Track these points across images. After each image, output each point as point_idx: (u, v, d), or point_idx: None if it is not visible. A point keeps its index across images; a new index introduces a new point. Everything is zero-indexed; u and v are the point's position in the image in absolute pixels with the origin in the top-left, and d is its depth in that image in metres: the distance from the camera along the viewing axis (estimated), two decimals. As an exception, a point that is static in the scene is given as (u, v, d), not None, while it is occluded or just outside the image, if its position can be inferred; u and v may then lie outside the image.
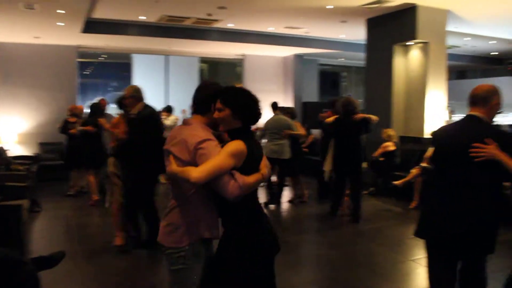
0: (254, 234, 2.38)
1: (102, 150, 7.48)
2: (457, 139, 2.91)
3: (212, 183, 2.22)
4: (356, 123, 6.44)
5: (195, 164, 2.24)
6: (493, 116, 2.90)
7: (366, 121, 6.46)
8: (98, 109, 7.80)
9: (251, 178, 2.29)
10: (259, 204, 2.49)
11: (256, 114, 2.42)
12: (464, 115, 3.03)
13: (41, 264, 3.51)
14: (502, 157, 2.62)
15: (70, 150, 8.29)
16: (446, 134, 3.13)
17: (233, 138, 2.33)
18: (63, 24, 8.85)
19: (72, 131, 8.04)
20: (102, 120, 6.89)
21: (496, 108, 2.87)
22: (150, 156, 4.64)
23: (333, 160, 6.70)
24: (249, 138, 2.38)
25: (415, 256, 5.22)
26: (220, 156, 2.22)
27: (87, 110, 8.73)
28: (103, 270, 4.74)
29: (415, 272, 4.77)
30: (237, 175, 2.23)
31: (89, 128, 7.48)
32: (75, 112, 8.46)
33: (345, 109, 6.52)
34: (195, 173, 2.17)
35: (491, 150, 2.66)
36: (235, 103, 2.35)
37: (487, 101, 2.84)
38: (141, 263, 4.96)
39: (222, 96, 2.36)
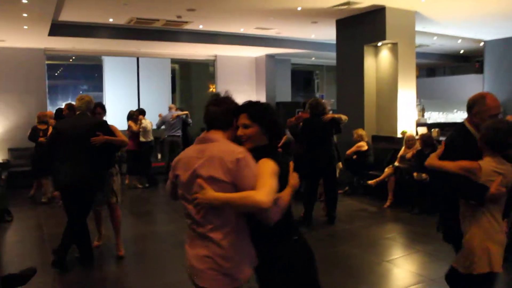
0: (298, 249, 2.28)
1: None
2: None
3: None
4: (326, 123, 6.46)
5: (234, 182, 2.04)
6: (478, 123, 2.95)
7: (336, 121, 6.49)
8: (62, 114, 7.62)
9: (285, 196, 2.14)
10: (293, 216, 2.36)
11: (282, 131, 2.32)
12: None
13: (11, 282, 3.43)
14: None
15: (36, 158, 8.08)
16: None
17: (260, 156, 2.14)
18: (27, 27, 8.65)
19: (41, 139, 7.86)
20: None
21: (478, 116, 2.96)
22: None
23: (304, 162, 6.45)
24: (277, 154, 2.23)
25: (390, 257, 5.30)
26: (271, 177, 2.04)
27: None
28: (79, 281, 4.65)
29: (390, 273, 4.83)
30: (280, 200, 2.09)
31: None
32: (43, 120, 8.26)
33: (313, 110, 6.52)
34: (263, 197, 1.94)
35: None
36: (264, 119, 2.23)
37: (470, 110, 3.03)
38: (119, 273, 4.90)
39: (250, 112, 2.23)
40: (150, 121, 9.88)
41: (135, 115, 9.53)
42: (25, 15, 7.68)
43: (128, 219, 7.03)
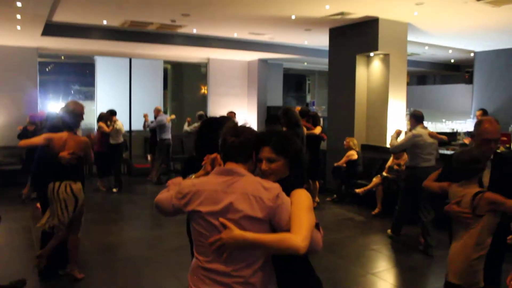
0: (315, 279, 2.28)
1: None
2: None
3: None
4: (304, 137, 6.45)
5: (270, 220, 1.94)
6: (478, 144, 3.10)
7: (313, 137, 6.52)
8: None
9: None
10: None
11: (306, 160, 2.21)
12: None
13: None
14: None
15: (28, 158, 8.06)
16: None
17: (285, 188, 2.02)
18: (20, 28, 8.61)
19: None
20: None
21: (475, 139, 3.17)
22: None
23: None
24: (302, 184, 2.13)
25: (375, 269, 5.38)
26: (307, 214, 1.94)
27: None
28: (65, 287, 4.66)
29: (374, 286, 4.91)
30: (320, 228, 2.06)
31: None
32: (34, 121, 8.25)
33: (287, 123, 6.38)
34: (301, 242, 1.84)
35: None
36: (290, 152, 2.13)
37: (474, 132, 3.21)
38: (108, 280, 4.90)
39: (275, 145, 2.10)
40: (121, 122, 9.82)
41: (106, 116, 9.48)
42: (18, 17, 7.65)
43: (108, 224, 7.03)
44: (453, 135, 10.58)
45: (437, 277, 4.88)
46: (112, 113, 9.66)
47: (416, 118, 6.17)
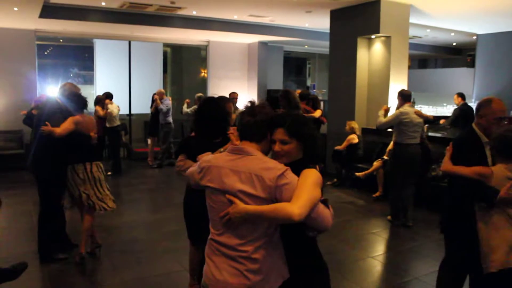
0: (322, 263, 2.33)
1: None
2: None
3: (310, 216, 1.97)
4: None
5: (273, 198, 1.99)
6: (485, 126, 3.18)
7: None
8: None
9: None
10: None
11: (319, 144, 2.24)
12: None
13: (2, 277, 3.46)
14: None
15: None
16: None
17: (297, 170, 2.07)
18: (17, 9, 8.51)
19: None
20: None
21: (484, 119, 3.18)
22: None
23: None
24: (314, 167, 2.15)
25: (375, 253, 5.39)
26: (309, 187, 1.98)
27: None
28: (66, 270, 4.67)
29: (374, 269, 4.92)
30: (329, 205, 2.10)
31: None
32: (38, 106, 8.21)
33: (286, 107, 6.30)
34: (296, 209, 1.90)
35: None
36: (303, 135, 2.15)
37: (477, 113, 3.27)
38: (107, 263, 4.92)
39: (289, 127, 2.13)
40: (117, 105, 9.71)
41: (103, 100, 9.38)
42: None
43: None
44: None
45: (436, 260, 4.88)
46: (107, 96, 9.58)
47: (403, 97, 6.39)
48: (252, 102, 2.26)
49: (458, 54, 16.14)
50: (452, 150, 3.22)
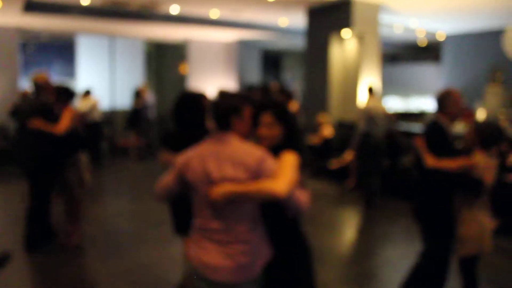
0: (304, 245, 2.45)
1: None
2: None
3: (289, 197, 2.07)
4: None
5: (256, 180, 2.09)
6: (452, 116, 3.32)
7: None
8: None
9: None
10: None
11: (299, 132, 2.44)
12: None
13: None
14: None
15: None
16: None
17: (278, 153, 2.22)
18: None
19: None
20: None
21: (449, 110, 3.31)
22: None
23: None
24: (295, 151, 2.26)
25: (348, 239, 5.82)
26: (290, 168, 2.11)
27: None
28: (50, 263, 4.72)
29: (348, 253, 5.36)
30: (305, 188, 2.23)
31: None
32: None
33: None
34: (278, 185, 2.00)
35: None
36: (288, 120, 2.32)
37: (440, 105, 3.35)
38: (92, 254, 5.04)
39: (275, 111, 2.31)
40: (94, 100, 9.83)
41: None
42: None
43: (89, 199, 6.79)
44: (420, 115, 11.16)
45: (406, 244, 5.32)
46: (85, 92, 9.80)
47: (369, 92, 7.17)
48: (223, 91, 2.40)
49: (427, 51, 16.80)
50: (423, 144, 3.30)
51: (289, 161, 2.16)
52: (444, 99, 3.33)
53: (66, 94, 4.93)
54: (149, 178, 9.00)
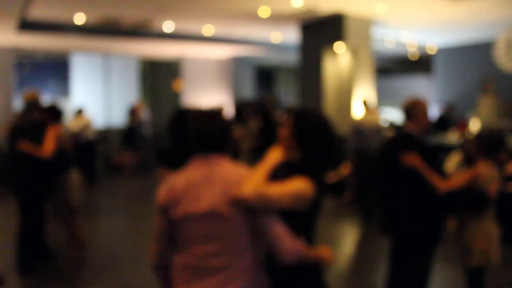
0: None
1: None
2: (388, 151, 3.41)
3: (265, 227, 1.88)
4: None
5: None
6: (422, 125, 3.22)
7: None
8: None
9: (311, 253, 1.98)
10: None
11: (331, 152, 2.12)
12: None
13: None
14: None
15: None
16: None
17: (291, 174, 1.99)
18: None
19: None
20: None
21: (418, 120, 3.20)
22: None
23: None
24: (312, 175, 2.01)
25: (345, 253, 5.80)
26: (281, 189, 1.88)
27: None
28: (46, 284, 4.67)
29: (345, 267, 5.34)
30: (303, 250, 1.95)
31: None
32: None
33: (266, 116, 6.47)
34: (248, 187, 1.83)
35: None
36: (306, 127, 2.07)
37: (410, 115, 3.23)
38: (86, 275, 4.96)
39: (296, 116, 2.10)
40: (87, 118, 9.77)
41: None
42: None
43: (85, 218, 6.61)
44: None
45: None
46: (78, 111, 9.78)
47: (364, 105, 7.23)
48: (203, 111, 2.05)
49: (418, 64, 16.97)
50: (420, 162, 3.06)
51: (290, 185, 1.92)
52: (413, 108, 3.24)
53: (53, 113, 4.80)
54: (145, 196, 9.00)
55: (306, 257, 1.95)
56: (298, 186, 1.90)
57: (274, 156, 1.99)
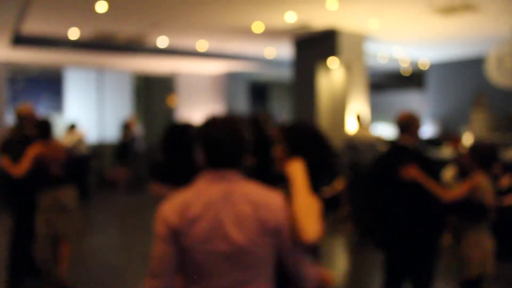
0: None
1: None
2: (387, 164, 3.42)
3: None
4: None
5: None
6: (416, 138, 3.30)
7: None
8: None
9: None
10: None
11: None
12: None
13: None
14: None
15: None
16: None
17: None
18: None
19: None
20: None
21: (414, 134, 3.28)
22: None
23: None
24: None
25: (340, 267, 5.76)
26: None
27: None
28: None
29: (340, 282, 5.28)
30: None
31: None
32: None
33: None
34: (312, 229, 1.77)
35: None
36: (295, 138, 2.04)
37: (406, 129, 3.29)
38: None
39: (287, 130, 2.05)
40: (80, 133, 9.75)
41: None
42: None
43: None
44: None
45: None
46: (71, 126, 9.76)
47: (358, 120, 7.17)
48: (217, 116, 1.80)
49: (411, 80, 17.12)
50: (422, 174, 3.07)
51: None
52: (408, 122, 3.29)
53: (42, 128, 4.62)
54: (138, 211, 8.99)
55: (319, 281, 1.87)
56: (316, 207, 1.84)
57: (299, 173, 1.86)
